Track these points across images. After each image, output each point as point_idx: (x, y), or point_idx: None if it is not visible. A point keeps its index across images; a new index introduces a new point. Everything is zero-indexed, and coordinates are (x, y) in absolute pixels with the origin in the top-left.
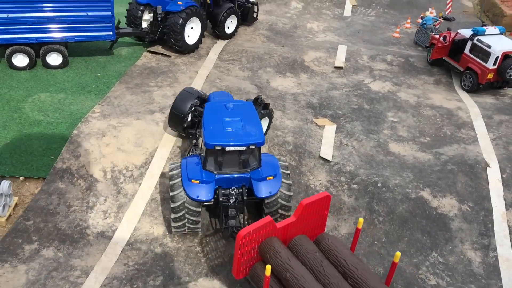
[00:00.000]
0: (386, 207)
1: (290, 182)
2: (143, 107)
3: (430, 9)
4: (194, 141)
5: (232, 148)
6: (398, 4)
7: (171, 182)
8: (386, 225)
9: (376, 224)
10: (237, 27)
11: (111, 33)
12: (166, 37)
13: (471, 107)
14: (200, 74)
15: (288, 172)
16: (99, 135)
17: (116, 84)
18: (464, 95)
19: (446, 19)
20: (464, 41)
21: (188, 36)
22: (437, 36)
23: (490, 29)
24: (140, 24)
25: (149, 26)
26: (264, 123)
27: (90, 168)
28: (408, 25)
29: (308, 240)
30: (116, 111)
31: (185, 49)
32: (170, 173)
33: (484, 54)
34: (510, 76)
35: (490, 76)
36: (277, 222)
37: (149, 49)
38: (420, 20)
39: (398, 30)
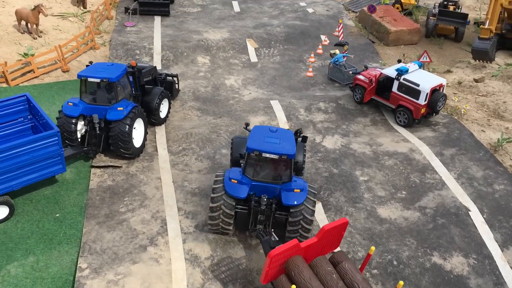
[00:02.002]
0: (412, 285)
1: (315, 200)
2: (130, 244)
3: (323, 38)
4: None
5: (267, 155)
6: (293, 38)
7: (214, 186)
8: None
9: None
10: (169, 108)
11: (60, 166)
12: (113, 147)
13: (420, 146)
14: (165, 181)
15: (315, 192)
16: None
17: (84, 223)
18: (405, 133)
19: (339, 44)
20: (388, 80)
21: (133, 138)
22: (361, 78)
23: (411, 66)
24: (77, 139)
25: (86, 138)
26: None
27: None
28: (312, 59)
29: (327, 261)
30: (106, 260)
31: (135, 155)
32: (215, 178)
33: (413, 92)
34: (439, 107)
35: (423, 111)
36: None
37: (94, 164)
38: (318, 51)
39: (310, 69)
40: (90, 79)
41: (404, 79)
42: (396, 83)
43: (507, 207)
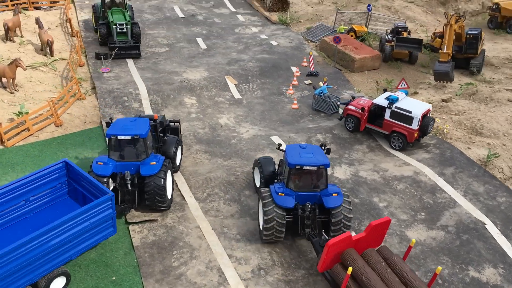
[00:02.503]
0: None
1: (350, 201)
2: None
3: (295, 69)
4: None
5: (308, 167)
6: (267, 71)
7: (264, 201)
8: None
9: None
10: (181, 155)
11: (112, 228)
12: (149, 202)
13: (422, 168)
14: (205, 229)
15: (348, 194)
16: None
17: (143, 283)
18: (403, 156)
19: (311, 75)
20: (379, 108)
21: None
22: (352, 108)
23: (400, 95)
24: None
25: (119, 196)
26: None
27: None
28: (291, 91)
29: (376, 253)
30: None
31: (169, 206)
32: (262, 195)
33: (406, 118)
34: (430, 130)
35: (416, 135)
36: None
37: (130, 221)
38: (293, 82)
39: (295, 102)
40: (120, 137)
41: (396, 107)
42: (388, 111)
43: None
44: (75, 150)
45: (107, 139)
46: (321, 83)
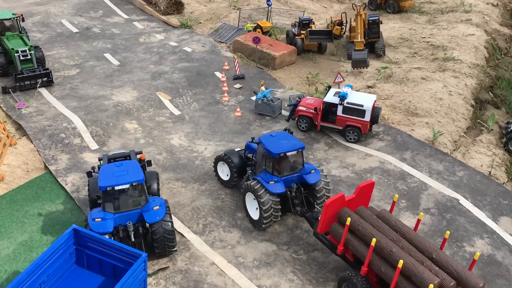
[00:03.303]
0: None
1: (326, 174)
2: None
3: (220, 75)
4: (249, 172)
5: (290, 153)
6: (194, 81)
7: (258, 193)
8: None
9: None
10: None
11: None
12: (159, 249)
13: (384, 157)
14: (221, 264)
15: (322, 168)
16: None
17: None
18: (361, 148)
19: (238, 78)
20: (330, 105)
21: None
22: (303, 109)
23: (347, 90)
24: None
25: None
26: None
27: None
28: (226, 98)
29: (366, 209)
30: None
31: (176, 249)
32: (254, 187)
33: (358, 112)
34: (378, 120)
35: (368, 126)
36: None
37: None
38: (224, 88)
39: (238, 109)
40: (118, 187)
41: (347, 102)
42: (340, 107)
43: (478, 188)
44: (32, 206)
45: (101, 192)
46: (263, 88)
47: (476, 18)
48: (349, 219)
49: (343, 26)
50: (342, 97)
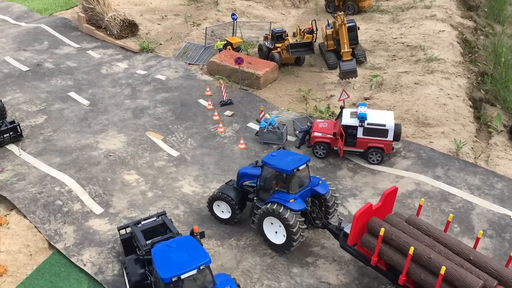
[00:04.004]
0: None
1: (334, 188)
2: None
3: (206, 103)
4: (255, 199)
5: (301, 167)
6: (181, 113)
7: (284, 215)
8: None
9: None
10: None
11: None
12: None
13: (417, 177)
14: None
15: (324, 179)
16: None
17: None
18: (388, 170)
19: (225, 104)
20: (348, 128)
21: None
22: (319, 134)
23: (364, 110)
24: None
25: None
26: None
27: None
28: (221, 129)
29: (395, 216)
30: None
31: None
32: (279, 211)
33: (381, 132)
34: (400, 137)
35: (393, 145)
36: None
37: None
38: (215, 118)
39: (242, 141)
40: (184, 275)
41: (368, 123)
42: (360, 129)
43: None
44: None
45: (163, 284)
46: (268, 115)
47: (439, 13)
48: (382, 229)
49: (313, 34)
50: (362, 118)
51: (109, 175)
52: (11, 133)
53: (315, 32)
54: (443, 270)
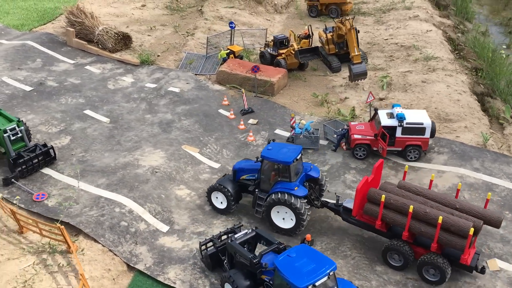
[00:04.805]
0: None
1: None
2: None
3: (228, 113)
4: (257, 191)
5: (298, 156)
6: (206, 125)
7: (291, 202)
8: None
9: None
10: None
11: None
12: None
13: (457, 171)
14: None
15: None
16: None
17: None
18: (427, 165)
19: (247, 112)
20: (387, 128)
21: None
22: (359, 137)
23: (401, 110)
24: None
25: None
26: None
27: None
28: (251, 138)
29: (388, 183)
30: None
31: None
32: (284, 199)
33: (419, 130)
34: (435, 134)
35: (430, 143)
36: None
37: None
38: (241, 127)
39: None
40: (318, 283)
41: (406, 123)
42: (399, 129)
43: None
44: None
45: None
46: (303, 121)
47: (421, 14)
48: (383, 196)
49: (309, 39)
50: (401, 118)
51: (162, 192)
52: (46, 158)
53: (311, 37)
54: (440, 219)
